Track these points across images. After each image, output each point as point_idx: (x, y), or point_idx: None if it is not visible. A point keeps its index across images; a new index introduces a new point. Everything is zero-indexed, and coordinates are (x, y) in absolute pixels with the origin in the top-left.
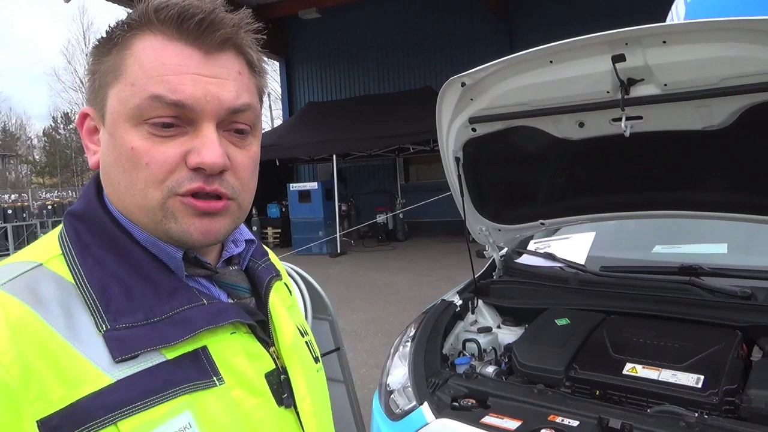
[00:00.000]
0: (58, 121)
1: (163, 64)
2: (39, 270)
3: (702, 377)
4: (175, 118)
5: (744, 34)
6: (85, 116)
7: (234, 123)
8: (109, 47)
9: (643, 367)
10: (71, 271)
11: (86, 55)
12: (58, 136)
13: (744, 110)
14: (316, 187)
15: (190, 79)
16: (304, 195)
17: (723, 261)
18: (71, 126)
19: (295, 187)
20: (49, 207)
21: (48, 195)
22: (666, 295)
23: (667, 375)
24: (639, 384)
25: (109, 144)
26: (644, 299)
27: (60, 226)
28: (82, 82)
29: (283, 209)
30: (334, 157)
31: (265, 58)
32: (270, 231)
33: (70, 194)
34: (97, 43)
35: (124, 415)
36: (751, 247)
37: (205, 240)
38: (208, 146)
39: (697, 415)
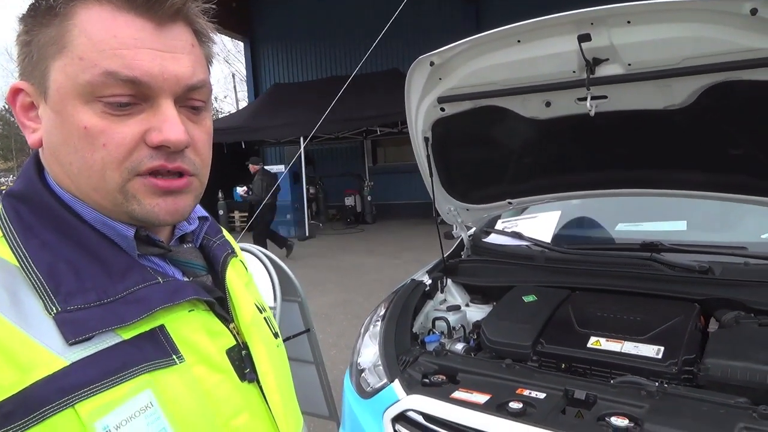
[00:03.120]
0: None
1: (114, 37)
2: None
3: (662, 348)
4: (131, 96)
5: (706, 15)
6: (17, 91)
7: (190, 100)
8: (49, 17)
9: (607, 340)
10: (14, 254)
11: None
12: (12, 119)
13: (704, 89)
14: (284, 170)
15: (146, 54)
16: None
17: (682, 237)
18: None
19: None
20: (3, 191)
21: (2, 179)
22: (628, 271)
23: (630, 347)
24: (603, 356)
25: (55, 122)
26: (608, 275)
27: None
28: None
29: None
30: (302, 139)
31: (229, 39)
32: (237, 215)
33: None
34: (31, 11)
35: (81, 398)
36: (708, 224)
37: (171, 219)
38: (170, 123)
39: (657, 384)
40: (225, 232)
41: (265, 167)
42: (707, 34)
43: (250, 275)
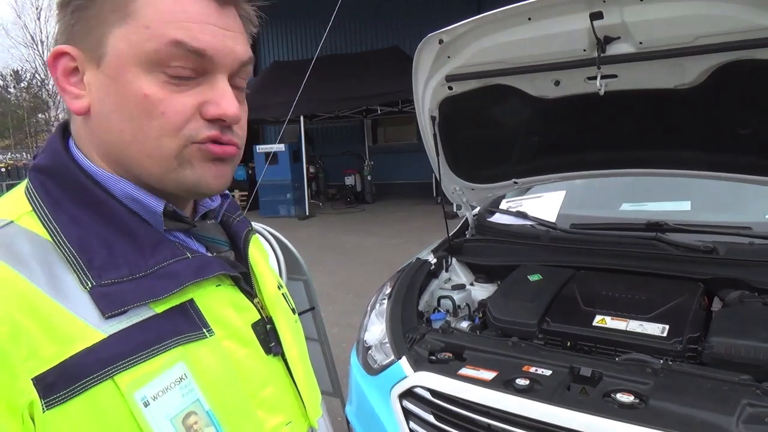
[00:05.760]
0: (8, 79)
1: (183, 11)
2: (11, 227)
3: (667, 327)
4: (191, 69)
5: None
6: (61, 55)
7: (237, 79)
8: None
9: (612, 319)
10: (46, 228)
11: (36, 8)
12: (8, 96)
13: (715, 69)
14: (283, 149)
15: (210, 30)
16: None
17: (686, 217)
18: (22, 84)
19: (261, 149)
20: (2, 170)
21: (0, 157)
22: (633, 251)
23: (634, 325)
24: (608, 334)
25: (109, 89)
26: (612, 255)
27: (25, 182)
28: (33, 37)
29: (250, 171)
30: (302, 118)
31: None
32: (237, 194)
33: (25, 156)
34: None
35: (120, 369)
36: (712, 204)
37: (218, 185)
38: (228, 98)
39: (662, 361)
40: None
41: None
42: (721, 12)
43: (266, 253)
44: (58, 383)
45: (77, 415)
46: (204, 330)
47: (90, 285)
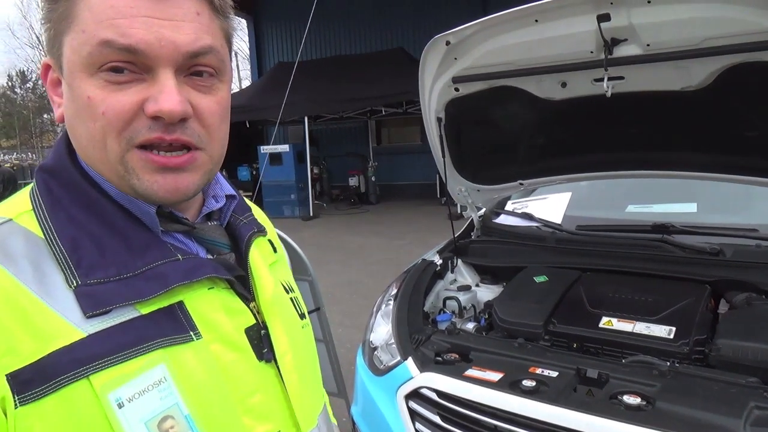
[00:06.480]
0: (14, 80)
1: (112, 7)
2: (8, 225)
3: (673, 329)
4: (129, 63)
5: None
6: (47, 68)
7: (195, 66)
8: None
9: (618, 321)
10: (41, 227)
11: (42, 9)
12: (14, 96)
13: (722, 71)
14: (288, 150)
15: (142, 23)
16: (276, 158)
17: (693, 219)
18: (28, 85)
19: (266, 149)
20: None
21: (6, 157)
22: (639, 252)
23: (641, 327)
24: (614, 336)
25: (68, 96)
26: (619, 256)
27: (33, 182)
28: (38, 38)
29: (254, 172)
30: (306, 119)
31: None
32: (241, 194)
33: (30, 156)
34: None
35: (96, 369)
36: (718, 206)
37: (172, 197)
38: (166, 93)
39: (669, 363)
40: (256, 210)
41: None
42: (728, 15)
43: (281, 255)
44: (35, 380)
45: (51, 412)
46: (191, 333)
47: (75, 284)
